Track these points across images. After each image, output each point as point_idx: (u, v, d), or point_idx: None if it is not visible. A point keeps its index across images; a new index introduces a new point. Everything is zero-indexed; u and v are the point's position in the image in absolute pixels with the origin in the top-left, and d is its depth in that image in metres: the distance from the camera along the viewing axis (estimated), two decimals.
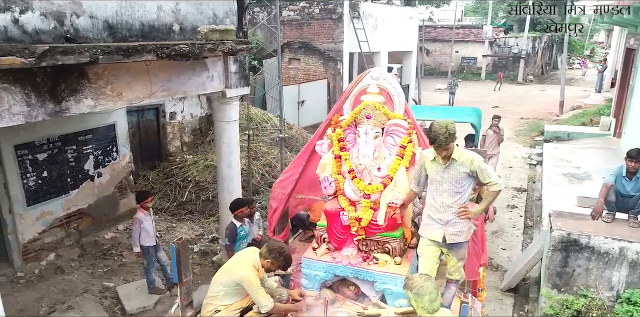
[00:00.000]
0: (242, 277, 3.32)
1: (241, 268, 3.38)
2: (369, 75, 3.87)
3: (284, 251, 3.41)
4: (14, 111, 3.62)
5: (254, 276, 3.35)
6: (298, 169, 4.32)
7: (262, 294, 3.37)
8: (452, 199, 3.27)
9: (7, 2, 3.05)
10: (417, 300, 2.64)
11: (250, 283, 3.32)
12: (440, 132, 3.07)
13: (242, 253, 3.64)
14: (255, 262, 3.42)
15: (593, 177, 8.87)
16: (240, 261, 3.48)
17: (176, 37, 4.50)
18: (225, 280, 3.42)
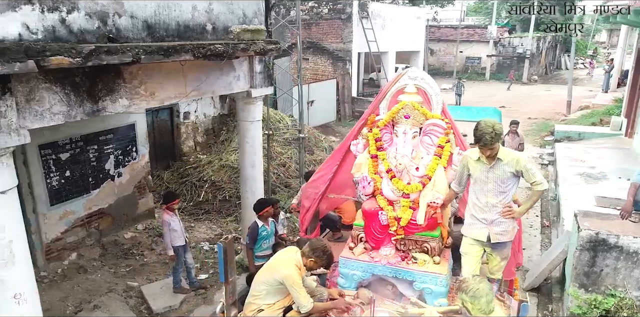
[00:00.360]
0: (285, 275, 3.33)
1: (284, 267, 3.39)
2: (407, 75, 3.88)
3: (327, 249, 3.42)
4: (54, 111, 3.63)
5: (297, 274, 3.36)
6: (331, 168, 4.33)
7: (303, 294, 3.38)
8: (497, 199, 3.28)
9: (56, 2, 3.05)
10: (473, 302, 2.64)
11: (293, 282, 3.33)
12: (486, 131, 3.09)
13: (284, 252, 3.65)
14: (297, 261, 3.44)
15: (609, 177, 8.87)
16: (283, 260, 3.49)
17: (209, 36, 4.51)
18: (268, 279, 3.43)
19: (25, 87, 3.35)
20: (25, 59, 2.84)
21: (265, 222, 5.32)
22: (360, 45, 15.93)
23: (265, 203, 5.36)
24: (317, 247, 3.42)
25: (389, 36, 16.84)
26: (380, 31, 16.07)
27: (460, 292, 2.73)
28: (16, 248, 3.57)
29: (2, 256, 3.49)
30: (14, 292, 3.60)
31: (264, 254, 5.35)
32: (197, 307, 5.84)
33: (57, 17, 3.11)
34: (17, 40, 2.94)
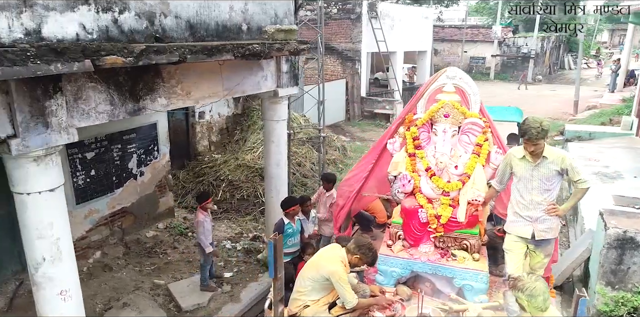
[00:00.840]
0: (332, 272, 3.38)
1: (331, 263, 3.44)
2: (445, 75, 3.93)
3: (373, 247, 3.48)
4: (99, 110, 3.68)
5: (343, 271, 3.42)
6: (367, 167, 4.38)
7: (349, 290, 3.43)
8: (542, 197, 3.33)
9: (109, 2, 3.10)
10: (530, 301, 2.69)
11: (340, 278, 3.38)
12: (533, 126, 3.14)
13: (327, 249, 3.70)
14: (343, 258, 3.48)
15: (624, 176, 8.93)
16: (328, 257, 3.54)
17: (243, 36, 4.56)
18: (314, 275, 3.48)
19: (74, 86, 3.40)
20: (83, 59, 2.88)
21: (291, 220, 5.36)
22: (369, 45, 15.98)
23: (292, 202, 5.42)
24: (363, 244, 3.47)
25: (397, 36, 16.88)
26: (388, 31, 16.12)
27: (516, 290, 2.76)
28: (63, 245, 3.63)
29: (50, 253, 3.55)
30: (60, 288, 3.65)
31: (288, 251, 5.39)
32: (224, 305, 5.88)
33: (110, 17, 3.15)
34: (75, 40, 2.99)
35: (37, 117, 3.17)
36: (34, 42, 2.71)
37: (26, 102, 3.07)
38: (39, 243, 3.50)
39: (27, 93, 3.05)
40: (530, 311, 2.73)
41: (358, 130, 15.32)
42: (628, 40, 19.27)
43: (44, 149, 3.29)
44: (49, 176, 3.42)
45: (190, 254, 7.10)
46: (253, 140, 10.51)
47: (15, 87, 2.97)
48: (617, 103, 16.93)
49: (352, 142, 13.72)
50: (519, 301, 2.76)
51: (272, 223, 6.59)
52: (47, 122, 3.24)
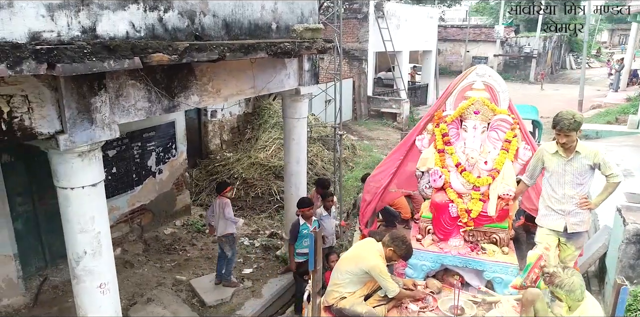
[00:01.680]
0: (373, 266, 3.46)
1: (370, 257, 3.52)
2: (475, 72, 4.02)
3: (406, 240, 3.56)
4: (138, 106, 3.76)
5: (382, 264, 3.51)
6: (395, 163, 4.46)
7: (390, 281, 3.54)
8: (574, 191, 3.42)
9: (156, 1, 3.18)
10: (569, 295, 2.78)
11: (380, 271, 3.47)
12: (566, 117, 3.24)
13: (363, 243, 3.77)
14: (380, 252, 3.57)
15: (634, 174, 9.02)
16: (367, 250, 3.61)
17: (273, 35, 4.64)
18: (352, 269, 3.55)
19: (116, 83, 3.48)
20: (132, 56, 2.96)
21: (307, 220, 5.43)
22: (376, 44, 16.06)
23: (308, 202, 5.52)
24: (397, 236, 3.56)
25: (403, 36, 16.96)
26: (395, 31, 16.20)
27: (554, 286, 2.83)
28: (103, 239, 3.71)
29: (91, 247, 3.63)
30: (100, 281, 3.73)
31: (304, 251, 5.49)
32: (247, 300, 5.97)
33: (156, 15, 3.23)
34: (124, 38, 3.07)
35: (83, 113, 3.25)
36: (89, 39, 2.79)
37: (74, 99, 3.15)
38: (81, 237, 3.57)
39: (74, 90, 3.13)
40: (568, 303, 2.81)
41: (365, 130, 15.40)
42: (631, 40, 19.40)
43: (89, 145, 3.37)
44: (91, 171, 3.50)
45: (209, 251, 7.18)
46: (265, 139, 10.58)
47: (64, 84, 3.05)
48: (621, 102, 17.06)
49: (360, 141, 13.81)
50: (557, 295, 2.84)
51: (290, 219, 6.68)
52: (92, 118, 3.32)
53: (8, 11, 2.44)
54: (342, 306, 3.56)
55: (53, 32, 2.66)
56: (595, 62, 38.55)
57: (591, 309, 2.92)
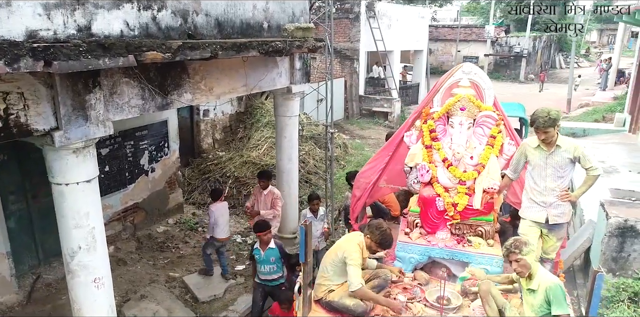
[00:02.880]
0: (345, 251, 3.52)
1: (347, 244, 3.59)
2: (461, 70, 4.13)
3: (381, 226, 3.56)
4: (132, 104, 3.83)
5: (357, 251, 3.52)
6: (384, 159, 4.57)
7: (357, 272, 3.47)
8: (555, 183, 3.55)
9: (149, 0, 3.26)
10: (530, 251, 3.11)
11: (351, 258, 3.47)
12: (541, 115, 3.38)
13: (348, 235, 3.85)
14: (360, 242, 3.61)
15: (619, 171, 9.23)
16: (347, 241, 3.68)
17: (265, 34, 4.73)
18: (334, 258, 3.61)
19: (110, 81, 3.55)
20: (126, 54, 3.04)
21: (262, 246, 4.90)
22: (367, 44, 16.19)
23: (259, 227, 4.89)
24: (371, 224, 3.61)
25: (394, 35, 17.10)
26: (386, 30, 16.33)
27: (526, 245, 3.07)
28: (97, 234, 3.77)
29: (86, 242, 3.70)
30: (94, 276, 3.80)
31: (265, 278, 5.05)
32: (239, 296, 6.05)
33: (150, 14, 3.31)
34: (119, 36, 3.15)
35: (78, 110, 3.32)
36: (84, 38, 2.86)
37: (69, 96, 3.23)
38: (76, 232, 3.64)
39: (69, 87, 3.21)
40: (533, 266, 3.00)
41: (357, 128, 15.53)
42: (619, 40, 19.72)
43: (83, 141, 3.44)
44: (86, 167, 3.58)
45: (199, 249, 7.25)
46: (257, 138, 10.66)
47: (59, 82, 3.12)
48: (609, 101, 17.34)
49: (352, 139, 13.92)
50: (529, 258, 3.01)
51: (284, 216, 6.77)
52: (86, 115, 3.39)
53: (6, 10, 2.51)
54: (331, 299, 3.63)
55: (49, 31, 2.73)
56: (584, 61, 39.01)
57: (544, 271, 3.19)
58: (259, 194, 5.95)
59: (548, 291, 3.08)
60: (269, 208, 5.87)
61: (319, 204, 6.03)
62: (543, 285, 3.11)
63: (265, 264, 4.95)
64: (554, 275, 4.22)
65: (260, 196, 5.93)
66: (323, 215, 6.09)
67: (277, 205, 5.90)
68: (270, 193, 5.88)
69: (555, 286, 3.09)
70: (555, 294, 3.06)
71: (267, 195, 5.87)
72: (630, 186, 7.79)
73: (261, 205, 5.90)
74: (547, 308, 3.14)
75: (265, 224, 4.93)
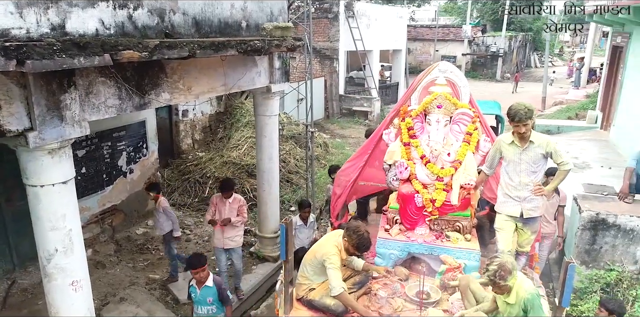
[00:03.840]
0: (323, 253, 3.54)
1: (325, 246, 3.60)
2: (437, 68, 4.21)
3: (359, 230, 3.53)
4: (108, 104, 3.78)
5: (334, 254, 3.52)
6: (363, 157, 4.62)
7: (336, 275, 3.46)
8: (529, 178, 3.65)
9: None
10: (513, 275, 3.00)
11: (329, 259, 3.47)
12: (520, 108, 3.47)
13: (327, 235, 3.87)
14: (338, 243, 3.62)
15: (592, 166, 9.51)
16: (325, 241, 3.71)
17: (243, 33, 4.73)
18: (312, 260, 3.64)
19: (86, 81, 3.50)
20: (102, 53, 3.00)
21: (198, 284, 4.32)
22: (347, 44, 16.27)
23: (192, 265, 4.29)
24: (349, 227, 3.58)
25: (373, 35, 17.23)
26: (365, 30, 16.45)
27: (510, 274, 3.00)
28: (74, 236, 3.71)
29: (63, 244, 3.63)
30: (72, 279, 3.74)
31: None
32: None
33: (126, 13, 3.28)
34: (94, 35, 3.10)
35: (53, 110, 3.26)
36: (58, 36, 2.82)
37: (43, 96, 3.17)
38: (52, 235, 3.57)
39: (43, 87, 3.15)
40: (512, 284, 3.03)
41: (337, 128, 15.59)
42: (590, 39, 20.27)
43: (59, 142, 3.38)
44: (62, 168, 3.52)
45: (183, 250, 7.18)
46: (237, 138, 10.61)
47: (33, 81, 3.06)
48: (581, 99, 17.81)
49: (333, 139, 13.98)
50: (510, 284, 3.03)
51: (265, 216, 6.79)
52: (61, 116, 3.33)
53: None
54: (311, 298, 3.65)
55: (22, 29, 2.68)
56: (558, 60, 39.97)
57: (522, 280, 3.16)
58: (221, 204, 5.60)
59: (526, 302, 3.08)
60: (236, 216, 5.62)
61: (310, 212, 5.98)
62: (520, 297, 3.10)
63: (202, 305, 4.35)
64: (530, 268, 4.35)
65: (223, 205, 5.59)
66: (313, 222, 6.08)
67: (244, 212, 5.68)
68: (235, 200, 5.61)
69: (532, 296, 3.07)
70: (533, 305, 3.06)
71: (233, 203, 5.59)
72: (602, 180, 8.05)
73: (226, 214, 5.57)
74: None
75: (200, 260, 4.27)
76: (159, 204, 5.98)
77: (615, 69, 11.98)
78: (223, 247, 5.73)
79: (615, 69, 11.90)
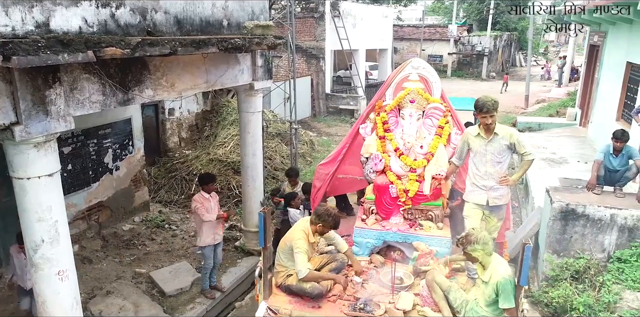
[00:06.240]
0: (292, 239, 3.71)
1: (293, 234, 3.77)
2: (410, 65, 4.41)
3: (330, 212, 3.71)
4: (93, 99, 3.92)
5: (301, 239, 3.69)
6: (341, 151, 4.80)
7: (301, 258, 3.65)
8: (494, 168, 3.87)
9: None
10: (484, 248, 3.19)
11: (296, 244, 3.66)
12: (487, 100, 3.70)
13: (296, 224, 4.00)
14: (305, 228, 3.78)
15: (569, 161, 9.83)
16: (293, 228, 3.88)
17: (224, 31, 4.88)
18: (284, 248, 3.81)
19: (70, 77, 3.63)
20: (85, 50, 3.14)
21: None
22: (333, 43, 16.47)
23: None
24: (320, 212, 3.74)
25: (359, 34, 17.46)
26: (351, 29, 16.66)
27: (472, 244, 3.23)
28: (60, 227, 3.84)
29: (49, 235, 3.76)
30: (58, 269, 3.87)
31: None
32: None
33: (108, 11, 3.42)
34: (78, 33, 3.24)
35: (38, 105, 3.40)
36: (43, 34, 2.96)
37: (28, 91, 3.30)
38: (39, 226, 3.70)
39: (29, 83, 3.28)
40: (483, 260, 3.23)
41: (324, 126, 15.78)
42: (572, 38, 20.70)
43: (44, 136, 3.51)
44: (47, 161, 3.64)
45: (169, 245, 7.32)
46: (224, 136, 10.74)
47: (18, 77, 3.19)
48: (563, 97, 18.22)
49: (319, 136, 14.16)
50: (474, 254, 3.24)
51: (249, 211, 6.95)
52: (47, 111, 3.46)
53: None
54: (289, 283, 3.81)
55: (8, 27, 2.81)
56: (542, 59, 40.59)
57: (500, 263, 3.36)
58: (206, 201, 5.56)
59: (498, 285, 3.27)
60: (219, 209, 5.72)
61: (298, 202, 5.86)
62: (494, 278, 3.29)
63: None
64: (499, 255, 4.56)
65: (209, 202, 5.58)
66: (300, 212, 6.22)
67: None
68: (214, 195, 5.69)
69: (505, 281, 3.25)
70: (504, 289, 3.25)
71: (213, 197, 5.66)
72: (578, 175, 8.33)
73: (214, 210, 5.60)
74: (495, 299, 3.35)
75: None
76: None
77: (592, 67, 12.33)
78: (214, 243, 5.79)
79: (593, 67, 12.25)
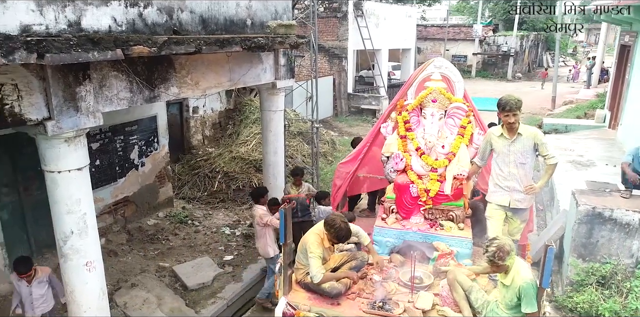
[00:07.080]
0: (307, 242, 3.73)
1: (309, 236, 3.79)
2: (433, 64, 4.39)
3: (335, 223, 3.65)
4: (120, 96, 4.04)
5: (315, 242, 3.70)
6: (362, 150, 4.81)
7: (315, 264, 3.64)
8: (517, 169, 3.82)
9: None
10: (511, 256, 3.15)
11: (309, 248, 3.67)
12: (511, 99, 3.66)
13: (317, 224, 3.99)
14: (320, 232, 3.78)
15: (596, 164, 9.57)
16: (311, 230, 3.90)
17: (248, 30, 4.95)
18: (301, 248, 3.84)
19: (99, 74, 3.75)
20: (114, 48, 3.24)
21: None
22: (355, 42, 16.45)
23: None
24: (326, 222, 3.71)
25: (382, 34, 17.39)
26: (374, 29, 16.61)
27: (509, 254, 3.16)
28: (88, 220, 3.98)
29: (78, 227, 3.90)
30: (86, 260, 4.00)
31: None
32: (227, 284, 6.27)
33: (136, 11, 3.52)
34: (107, 32, 3.35)
35: (69, 101, 3.52)
36: (74, 32, 3.07)
37: (60, 88, 3.42)
38: (68, 218, 3.84)
39: (61, 79, 3.41)
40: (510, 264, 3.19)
41: (345, 126, 15.77)
42: (602, 39, 20.13)
43: (75, 131, 3.64)
44: (77, 156, 3.78)
45: (192, 240, 7.46)
46: (246, 134, 10.87)
47: (51, 74, 3.32)
48: (591, 98, 17.73)
49: (341, 136, 14.16)
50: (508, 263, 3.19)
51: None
52: (77, 107, 3.59)
53: (2, 6, 2.71)
54: (308, 281, 3.85)
55: (42, 25, 2.93)
56: (570, 60, 39.61)
57: (522, 267, 3.31)
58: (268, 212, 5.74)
59: (520, 289, 3.21)
60: None
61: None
62: (516, 282, 3.23)
63: None
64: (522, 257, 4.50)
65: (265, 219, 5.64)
66: None
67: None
68: None
69: (527, 285, 3.20)
70: (527, 293, 3.19)
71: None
72: (606, 178, 8.12)
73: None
74: (517, 303, 3.30)
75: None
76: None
77: (623, 68, 11.97)
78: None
79: (624, 68, 11.89)
